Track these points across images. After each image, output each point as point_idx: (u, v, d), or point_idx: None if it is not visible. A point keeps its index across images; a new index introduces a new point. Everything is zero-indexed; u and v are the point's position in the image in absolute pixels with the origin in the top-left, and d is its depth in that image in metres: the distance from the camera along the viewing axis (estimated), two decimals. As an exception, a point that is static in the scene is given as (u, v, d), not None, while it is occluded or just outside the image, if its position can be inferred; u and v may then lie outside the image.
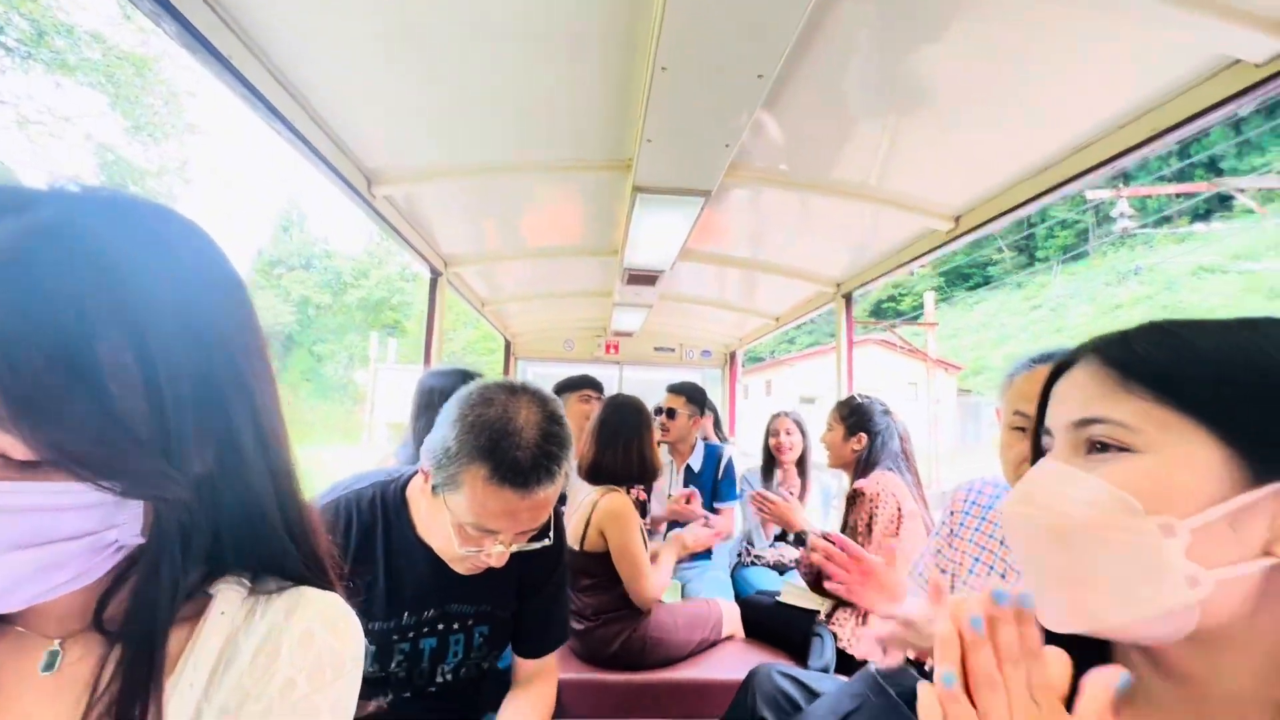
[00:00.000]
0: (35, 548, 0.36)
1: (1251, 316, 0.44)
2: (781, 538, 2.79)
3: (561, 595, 1.21)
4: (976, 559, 1.30)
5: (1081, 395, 0.47)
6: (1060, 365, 0.51)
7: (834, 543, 1.22)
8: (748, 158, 1.76)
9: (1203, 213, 24.61)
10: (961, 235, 1.89)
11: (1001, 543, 1.26)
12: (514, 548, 0.92)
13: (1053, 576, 0.46)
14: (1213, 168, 25.20)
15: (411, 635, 1.03)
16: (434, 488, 0.91)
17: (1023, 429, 1.03)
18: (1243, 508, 0.39)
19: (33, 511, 0.35)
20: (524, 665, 1.17)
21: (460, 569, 0.99)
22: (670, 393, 2.73)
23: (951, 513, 1.41)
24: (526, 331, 4.44)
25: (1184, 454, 0.41)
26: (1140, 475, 0.41)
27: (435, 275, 2.55)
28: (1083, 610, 0.43)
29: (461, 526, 0.90)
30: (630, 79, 1.36)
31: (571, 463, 0.93)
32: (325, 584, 0.53)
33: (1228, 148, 25.03)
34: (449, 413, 0.91)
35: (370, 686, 1.03)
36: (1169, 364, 0.42)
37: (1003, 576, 1.26)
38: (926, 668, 1.20)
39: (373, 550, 1.00)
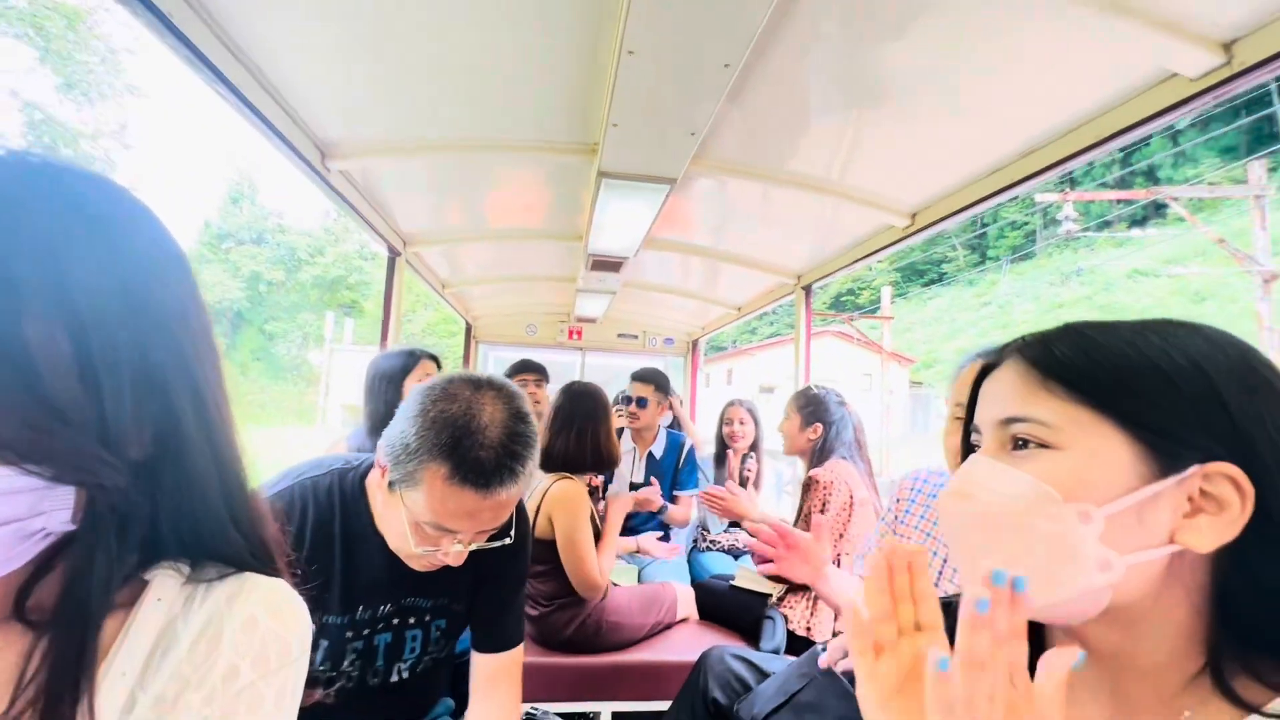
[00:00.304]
0: None
1: (1156, 319, 0.47)
2: (736, 523, 2.85)
3: (521, 588, 1.17)
4: (922, 543, 1.36)
5: (1006, 394, 0.50)
6: (987, 365, 0.54)
7: (771, 529, 1.28)
8: (713, 147, 1.76)
9: (1140, 219, 25.98)
10: (917, 231, 1.95)
11: None
12: (473, 546, 0.90)
13: (974, 560, 0.49)
14: (1151, 176, 26.59)
15: (366, 632, 1.00)
16: (390, 484, 0.87)
17: (961, 419, 1.08)
18: (1149, 498, 0.42)
19: None
20: (484, 665, 1.09)
21: (416, 566, 0.95)
22: (638, 381, 2.73)
23: (898, 500, 1.47)
24: (488, 315, 4.37)
25: (1097, 449, 0.44)
26: (1058, 469, 0.45)
27: (393, 255, 2.48)
28: None
29: (419, 525, 0.87)
30: (597, 61, 1.34)
31: (535, 461, 0.91)
32: (272, 572, 0.51)
33: (1165, 158, 26.44)
34: (409, 406, 0.87)
35: (319, 683, 0.99)
36: (1084, 366, 0.45)
37: (945, 561, 1.33)
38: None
39: (329, 542, 0.96)
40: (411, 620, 1.04)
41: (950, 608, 0.56)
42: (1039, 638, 0.53)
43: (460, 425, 0.83)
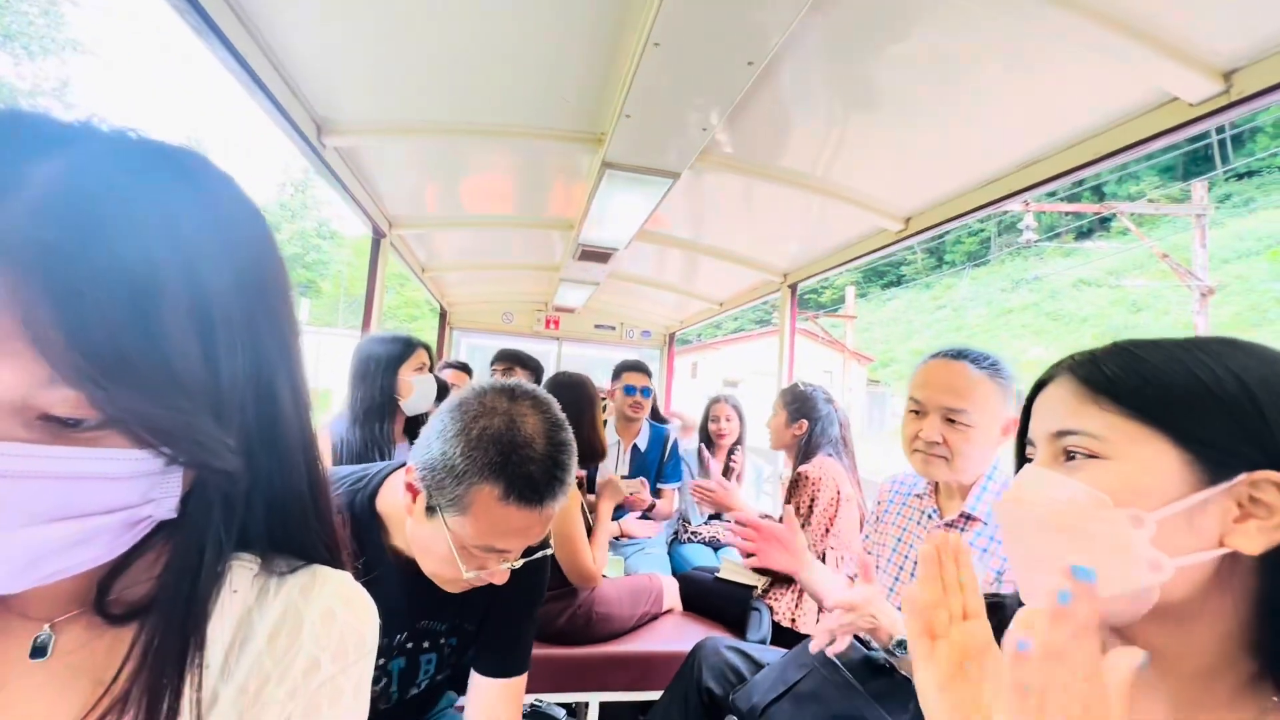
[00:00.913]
0: (68, 520, 0.31)
1: (1198, 337, 0.51)
2: (716, 516, 2.89)
3: (534, 612, 1.11)
4: (899, 539, 1.40)
5: (1058, 409, 0.53)
6: (1040, 382, 0.57)
7: (745, 524, 1.33)
8: (715, 143, 1.77)
9: (1086, 231, 27.28)
10: (910, 236, 2.00)
11: (919, 523, 1.38)
12: (519, 563, 0.88)
13: (1037, 561, 0.52)
14: (1098, 191, 27.92)
15: (382, 661, 0.95)
16: (430, 509, 0.82)
17: (915, 412, 1.22)
18: (1197, 505, 0.45)
19: (77, 480, 0.31)
20: (485, 691, 1.02)
21: (451, 589, 0.91)
22: (637, 372, 2.72)
23: (879, 502, 1.53)
24: (464, 301, 4.29)
25: (1147, 459, 0.47)
26: (1109, 477, 0.48)
27: (378, 236, 2.40)
28: (1057, 590, 0.49)
29: (466, 548, 0.82)
30: (616, 51, 1.32)
31: (576, 468, 0.88)
32: (338, 564, 0.50)
33: (1111, 175, 27.81)
34: (446, 425, 0.82)
35: None
36: (1133, 382, 0.49)
37: (911, 547, 1.38)
38: (873, 645, 1.29)
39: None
40: (426, 644, 1.01)
41: (990, 604, 0.59)
42: None
43: (506, 441, 0.79)
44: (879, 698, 1.11)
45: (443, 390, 2.19)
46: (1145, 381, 0.48)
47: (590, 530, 1.89)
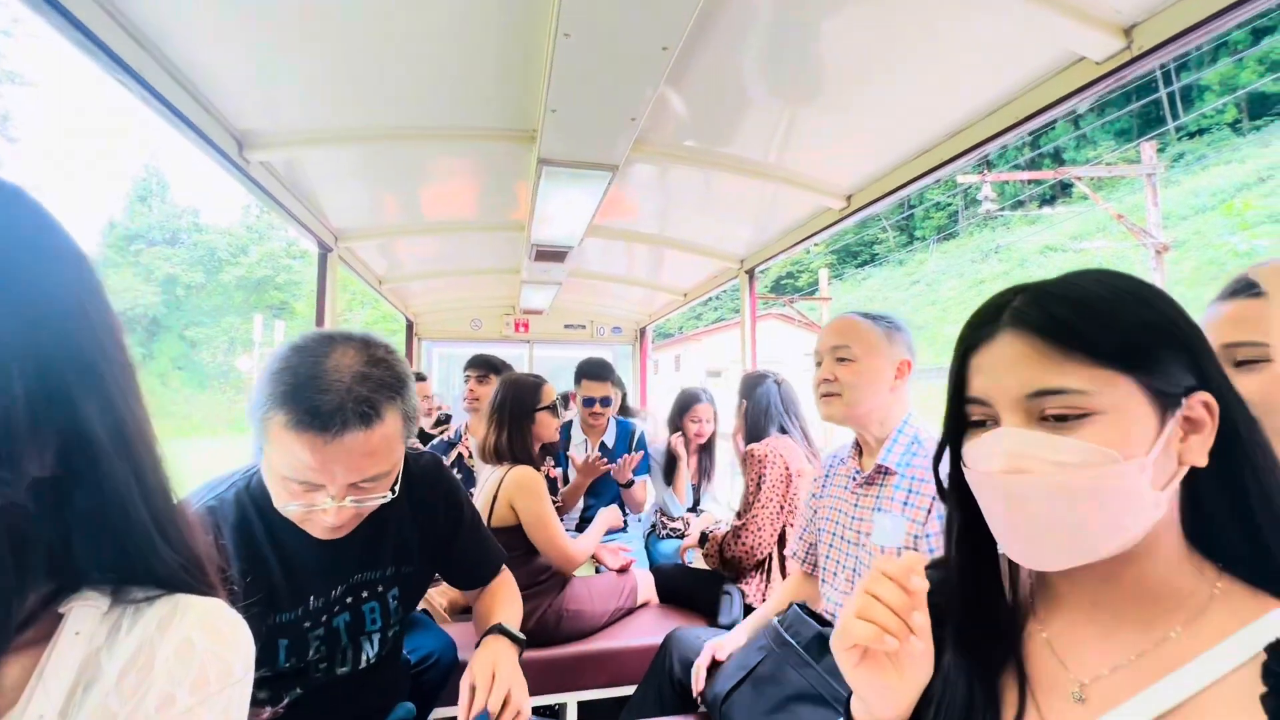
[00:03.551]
0: None
1: (1105, 270, 0.53)
2: (694, 509, 2.89)
3: (482, 527, 1.28)
4: (835, 509, 1.41)
5: (1025, 368, 0.51)
6: (974, 340, 0.55)
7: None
8: (653, 133, 1.76)
9: (1049, 198, 27.82)
10: (853, 213, 2.01)
11: (846, 487, 1.39)
12: (348, 501, 0.86)
13: (1050, 525, 0.50)
14: (1057, 158, 28.46)
15: (324, 618, 1.00)
16: (259, 446, 0.86)
17: (817, 365, 1.38)
18: (1169, 436, 0.48)
19: None
20: (472, 595, 1.28)
21: (317, 532, 0.91)
22: (596, 380, 2.63)
23: (817, 479, 1.54)
24: (430, 311, 4.23)
25: (1129, 406, 0.48)
26: (1110, 432, 0.48)
27: (325, 250, 2.36)
28: (1081, 548, 0.50)
29: (285, 480, 0.84)
30: (533, 44, 1.31)
31: (409, 405, 0.90)
32: (206, 588, 0.48)
33: (1069, 141, 28.37)
34: (261, 371, 0.87)
35: (290, 680, 0.98)
36: (1098, 331, 0.49)
37: (841, 513, 1.40)
38: (827, 615, 1.30)
39: (256, 546, 0.94)
40: (365, 594, 1.05)
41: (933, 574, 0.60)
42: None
43: (301, 374, 0.81)
44: (832, 672, 1.13)
45: None
46: (1106, 328, 0.49)
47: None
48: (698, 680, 1.40)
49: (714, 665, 1.44)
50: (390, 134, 1.71)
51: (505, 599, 1.24)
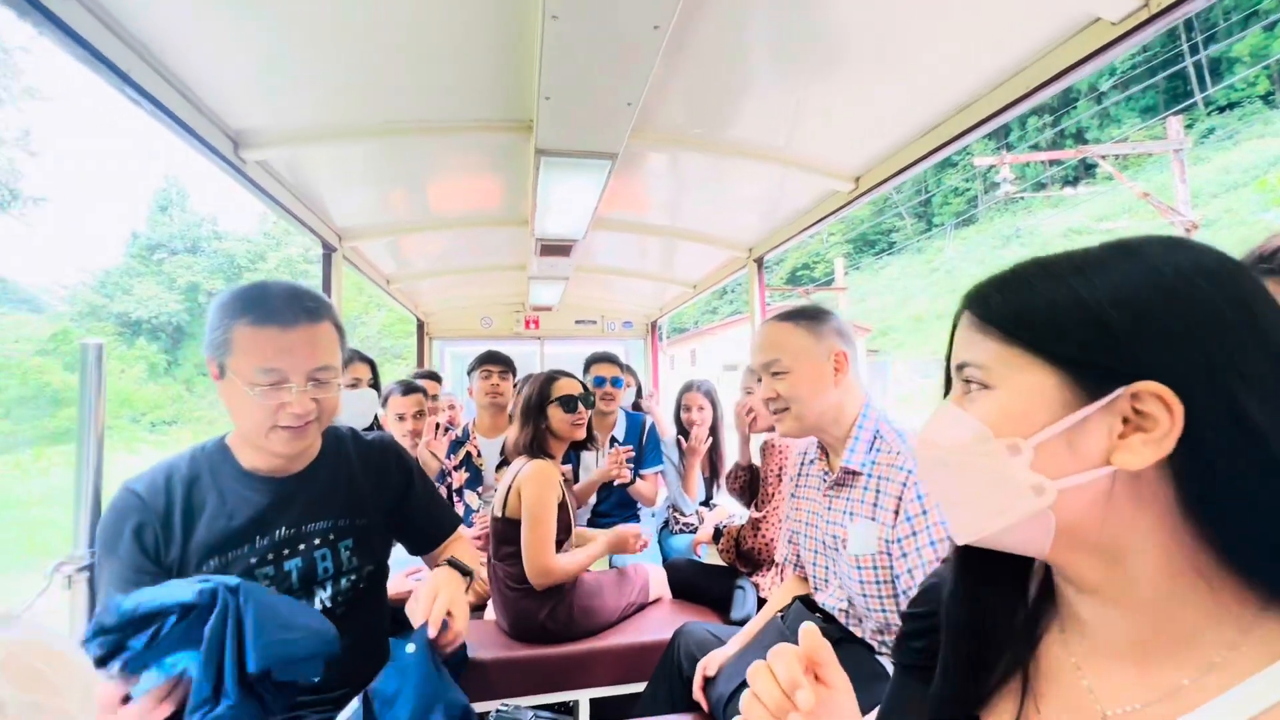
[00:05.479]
0: None
1: (1095, 250, 0.47)
2: (706, 503, 2.86)
3: (435, 492, 1.38)
4: (810, 511, 1.37)
5: (958, 342, 0.53)
6: (955, 315, 0.56)
7: None
8: (654, 119, 1.72)
9: (1072, 179, 27.12)
10: (861, 195, 1.95)
11: (819, 489, 1.35)
12: (309, 389, 1.03)
13: (944, 499, 0.54)
14: (1079, 137, 27.76)
15: (271, 557, 1.09)
16: (220, 371, 1.03)
17: (759, 381, 1.34)
18: (1077, 425, 0.44)
19: None
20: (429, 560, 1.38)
21: (279, 445, 1.05)
22: (606, 363, 2.67)
23: (792, 478, 1.49)
24: (440, 310, 4.24)
25: (1026, 385, 0.46)
26: (994, 407, 0.48)
27: (329, 250, 2.36)
28: (964, 524, 0.51)
29: (255, 385, 1.00)
30: (524, 29, 1.28)
31: (336, 319, 1.10)
32: None
33: (1091, 119, 27.63)
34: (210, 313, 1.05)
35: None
36: (1012, 309, 0.48)
37: (816, 515, 1.36)
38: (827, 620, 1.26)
39: (202, 493, 1.08)
40: (317, 542, 1.14)
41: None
42: (1049, 580, 0.55)
43: (251, 293, 1.04)
44: None
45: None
46: (1022, 307, 0.47)
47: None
48: (697, 693, 1.38)
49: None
50: (388, 128, 1.70)
51: (458, 548, 1.34)
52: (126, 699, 0.80)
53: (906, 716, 0.63)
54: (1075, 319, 0.44)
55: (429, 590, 1.08)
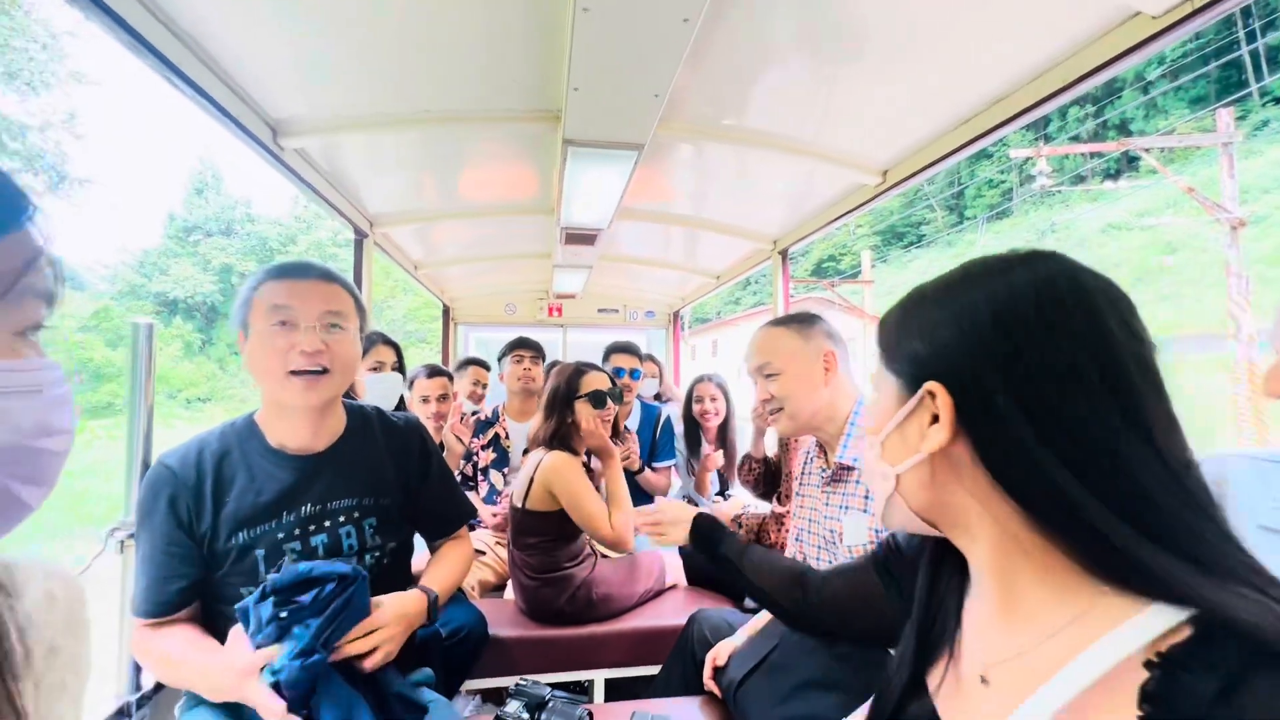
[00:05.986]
0: None
1: (929, 287, 0.57)
2: (722, 493, 2.88)
3: (452, 480, 1.41)
4: (814, 521, 1.40)
5: None
6: None
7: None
8: (680, 110, 1.73)
9: (1113, 172, 26.18)
10: (889, 189, 1.93)
11: (819, 486, 1.37)
12: (318, 327, 1.08)
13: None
14: (1124, 129, 26.69)
15: (299, 533, 1.12)
16: (244, 332, 1.10)
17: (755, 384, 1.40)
18: (902, 420, 0.54)
19: None
20: (434, 547, 1.40)
21: (295, 396, 1.08)
22: (626, 353, 2.70)
23: (797, 478, 1.51)
24: (466, 296, 4.31)
25: (884, 391, 0.58)
26: (874, 411, 0.59)
27: (360, 236, 2.42)
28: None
29: (273, 334, 1.06)
30: (555, 21, 1.29)
31: (358, 298, 1.17)
32: None
33: (1137, 110, 26.55)
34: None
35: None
36: (881, 335, 0.59)
37: (815, 510, 1.38)
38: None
39: (232, 468, 1.11)
40: (342, 519, 1.17)
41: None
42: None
43: (268, 267, 1.13)
44: (844, 658, 1.12)
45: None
46: (883, 331, 0.59)
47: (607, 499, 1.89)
48: (708, 681, 1.41)
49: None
50: (420, 118, 1.73)
51: (453, 553, 1.37)
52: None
53: (871, 602, 0.81)
54: (899, 332, 0.56)
55: (393, 616, 1.07)
